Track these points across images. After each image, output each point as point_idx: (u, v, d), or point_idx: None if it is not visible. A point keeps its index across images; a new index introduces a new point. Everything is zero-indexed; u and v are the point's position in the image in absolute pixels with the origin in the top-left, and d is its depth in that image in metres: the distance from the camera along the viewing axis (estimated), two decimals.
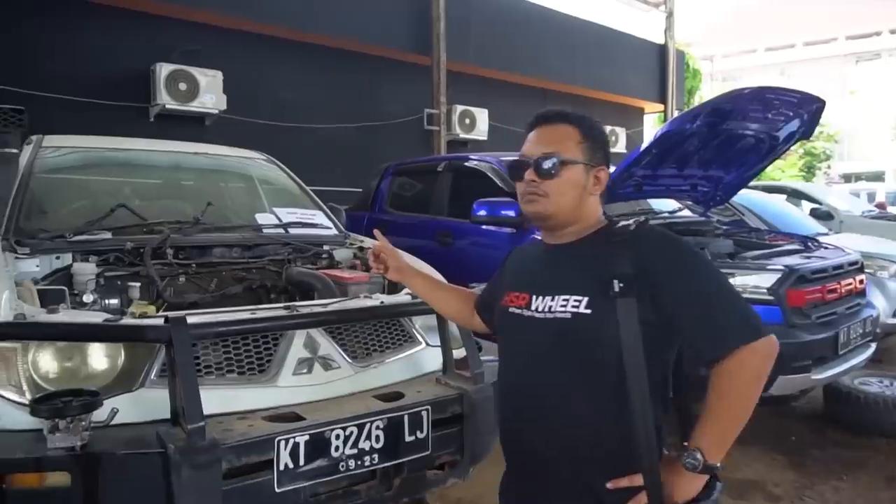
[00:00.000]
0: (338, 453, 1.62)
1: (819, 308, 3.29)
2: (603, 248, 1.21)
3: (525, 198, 1.29)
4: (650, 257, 1.17)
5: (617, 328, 1.13)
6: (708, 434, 1.14)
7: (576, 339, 1.17)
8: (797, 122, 3.80)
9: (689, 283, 1.15)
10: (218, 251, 2.63)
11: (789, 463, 3.36)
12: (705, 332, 1.14)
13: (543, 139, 1.29)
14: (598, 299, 1.15)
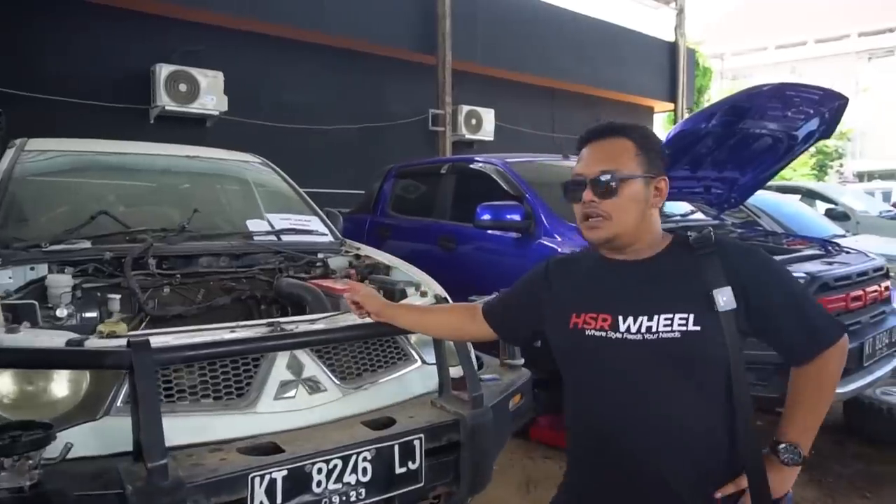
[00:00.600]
0: (320, 489, 1.47)
1: (843, 317, 3.11)
2: (689, 262, 1.21)
3: (586, 223, 1.25)
4: (740, 268, 1.19)
5: (724, 341, 1.15)
6: (801, 428, 1.22)
7: (686, 358, 1.17)
8: (817, 121, 3.63)
9: (780, 290, 1.21)
10: (204, 260, 2.50)
11: (809, 479, 3.19)
12: (802, 334, 1.20)
13: (598, 156, 1.25)
14: (703, 314, 1.16)
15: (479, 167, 4.36)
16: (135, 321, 2.18)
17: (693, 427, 1.18)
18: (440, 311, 1.69)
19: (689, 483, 1.18)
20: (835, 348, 1.21)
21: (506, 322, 1.48)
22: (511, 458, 3.39)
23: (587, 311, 1.25)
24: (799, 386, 1.23)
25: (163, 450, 1.27)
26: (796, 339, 1.21)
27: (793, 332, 1.20)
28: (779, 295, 1.21)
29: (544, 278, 1.38)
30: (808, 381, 1.22)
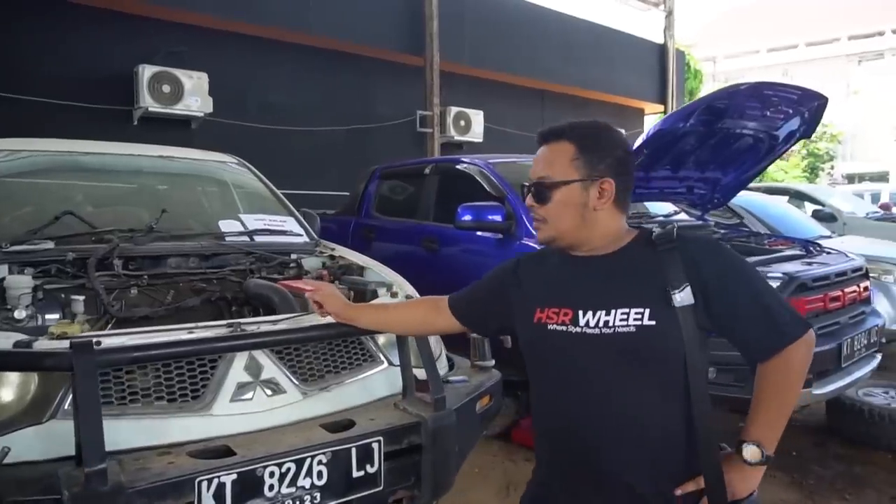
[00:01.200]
0: (272, 493, 1.44)
1: (821, 318, 3.10)
2: (649, 257, 1.21)
3: (533, 224, 1.31)
4: (701, 263, 1.18)
5: (680, 337, 1.14)
6: (766, 426, 1.19)
7: (641, 353, 1.17)
8: (798, 121, 3.62)
9: (742, 285, 1.19)
10: (173, 261, 2.46)
11: (790, 481, 3.18)
12: (764, 330, 1.18)
13: (539, 162, 1.27)
14: (660, 310, 1.16)
15: (461, 168, 4.33)
16: (100, 323, 2.14)
17: (650, 422, 1.19)
18: (403, 307, 1.68)
19: (647, 479, 1.19)
20: (799, 343, 1.19)
21: (472, 315, 1.48)
22: (492, 460, 3.36)
23: (550, 306, 1.26)
24: (763, 383, 1.21)
25: (102, 454, 1.23)
26: (759, 334, 1.19)
27: (755, 328, 1.19)
28: (741, 291, 1.19)
29: (513, 275, 1.38)
30: (772, 378, 1.20)
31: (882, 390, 3.85)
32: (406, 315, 1.60)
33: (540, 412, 1.33)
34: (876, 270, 5.02)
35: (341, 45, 7.70)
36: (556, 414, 1.27)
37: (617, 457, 1.19)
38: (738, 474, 1.19)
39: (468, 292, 1.48)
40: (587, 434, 1.21)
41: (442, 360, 2.22)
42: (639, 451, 1.19)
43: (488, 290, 1.44)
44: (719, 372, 2.86)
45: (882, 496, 3.01)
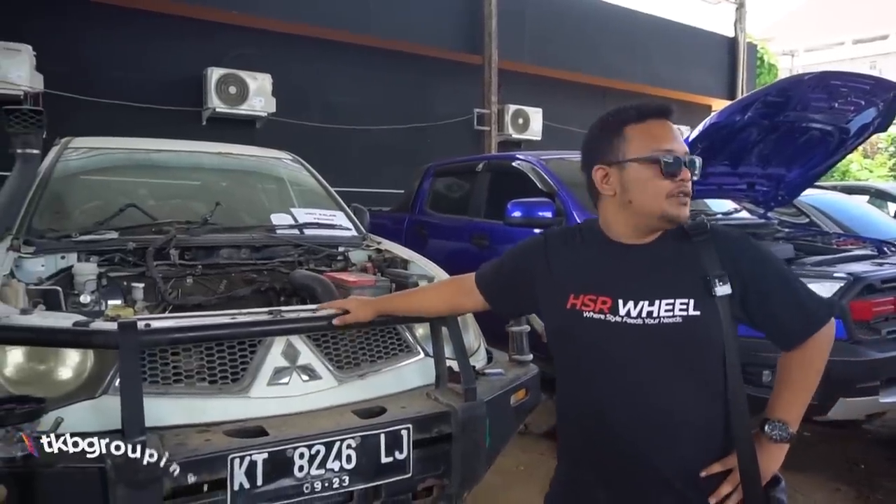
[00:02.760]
0: (302, 473, 1.48)
1: (891, 322, 2.91)
2: (686, 248, 1.21)
3: (677, 199, 1.21)
4: (734, 254, 1.20)
5: (720, 327, 1.16)
6: (791, 406, 1.24)
7: (685, 343, 1.17)
8: (872, 112, 3.41)
9: (773, 275, 1.22)
10: (225, 252, 2.57)
11: (856, 496, 3.00)
12: (796, 318, 1.21)
13: (676, 135, 1.24)
14: (702, 300, 1.16)
15: (512, 164, 4.31)
16: (157, 309, 2.26)
17: (689, 413, 1.18)
18: (431, 290, 1.69)
19: (681, 469, 1.18)
20: (827, 327, 1.23)
21: (498, 291, 1.45)
22: (539, 458, 3.34)
23: (586, 293, 1.23)
24: (789, 366, 1.24)
25: (142, 427, 1.31)
26: (790, 323, 1.21)
27: (786, 317, 1.21)
28: (771, 280, 1.21)
29: (542, 251, 1.35)
30: (798, 362, 1.24)
31: None
32: (434, 298, 1.62)
33: (569, 403, 1.31)
34: None
35: (400, 46, 7.82)
36: (589, 404, 1.24)
37: (652, 448, 1.18)
38: (764, 452, 1.21)
39: (494, 269, 1.46)
40: (622, 425, 1.20)
41: (480, 352, 2.23)
42: (676, 442, 1.18)
43: (515, 266, 1.41)
44: (775, 375, 2.74)
45: None
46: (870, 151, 23.07)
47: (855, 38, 40.19)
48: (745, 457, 1.17)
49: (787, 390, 1.24)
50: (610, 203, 1.26)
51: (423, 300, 1.64)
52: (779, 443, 1.22)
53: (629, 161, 1.21)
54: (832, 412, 2.67)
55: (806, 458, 3.37)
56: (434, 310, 1.67)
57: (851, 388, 2.68)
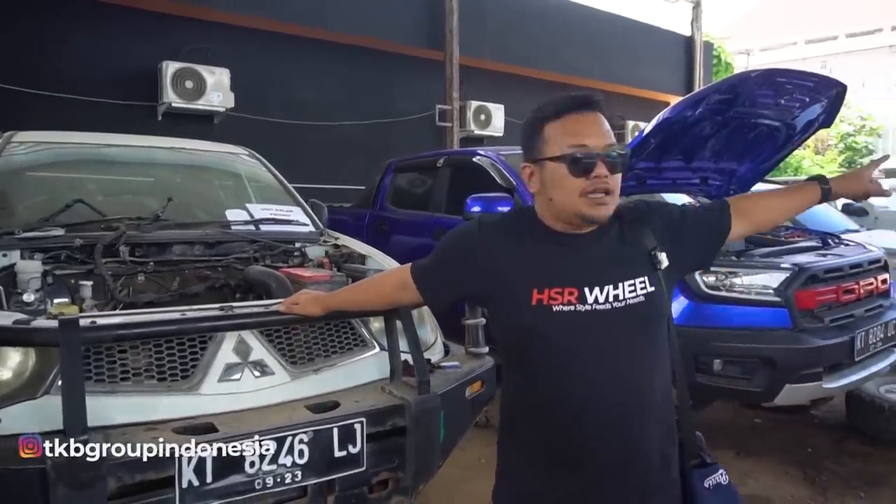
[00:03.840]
0: (253, 469, 1.47)
1: (834, 310, 3.02)
2: (625, 230, 1.27)
3: (593, 198, 1.18)
4: (659, 222, 1.29)
5: (665, 295, 1.24)
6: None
7: (650, 319, 1.23)
8: (817, 109, 3.52)
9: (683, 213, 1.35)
10: (178, 249, 2.52)
11: (803, 477, 3.11)
12: (716, 208, 1.37)
13: (601, 128, 1.21)
14: (652, 276, 1.23)
15: (473, 160, 4.34)
16: (107, 308, 2.21)
17: (657, 384, 1.24)
18: (374, 285, 1.62)
19: (656, 442, 1.23)
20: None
21: (433, 285, 1.39)
22: None
23: (551, 287, 1.19)
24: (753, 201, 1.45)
25: (84, 426, 1.28)
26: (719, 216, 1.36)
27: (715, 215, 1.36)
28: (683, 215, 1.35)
29: (481, 240, 1.28)
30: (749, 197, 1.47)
31: None
32: (374, 292, 1.57)
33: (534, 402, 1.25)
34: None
35: (361, 41, 7.77)
36: (572, 398, 1.20)
37: (639, 426, 1.21)
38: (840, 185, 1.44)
39: (429, 262, 1.40)
40: (610, 412, 1.19)
41: (437, 346, 2.24)
42: (655, 415, 1.23)
43: (451, 257, 1.35)
44: (726, 364, 2.82)
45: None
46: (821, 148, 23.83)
47: (807, 38, 41.50)
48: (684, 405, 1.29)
49: (777, 194, 1.46)
50: (539, 199, 1.27)
51: (363, 295, 1.60)
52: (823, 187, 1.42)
53: (546, 159, 1.20)
54: (779, 398, 2.77)
55: (756, 443, 3.49)
56: (375, 304, 1.62)
57: (796, 374, 2.77)
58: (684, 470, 1.29)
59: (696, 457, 1.31)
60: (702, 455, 1.31)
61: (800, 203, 1.45)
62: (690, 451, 1.30)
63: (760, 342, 2.82)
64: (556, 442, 1.23)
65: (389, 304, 1.61)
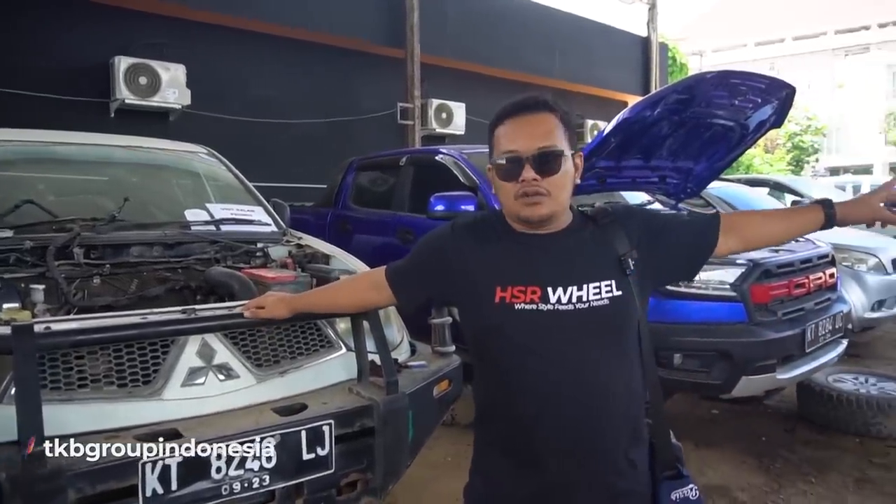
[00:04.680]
0: (220, 475, 1.44)
1: (785, 304, 3.13)
2: (597, 232, 1.27)
3: (524, 200, 1.20)
4: (637, 228, 1.28)
5: (635, 302, 1.23)
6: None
7: (614, 323, 1.22)
8: (768, 110, 3.64)
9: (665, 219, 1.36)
10: (136, 250, 2.44)
11: (758, 466, 3.22)
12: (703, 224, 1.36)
13: (535, 131, 1.21)
14: (620, 279, 1.22)
15: (435, 159, 4.34)
16: (60, 312, 2.13)
17: (623, 388, 1.23)
18: (343, 284, 1.65)
19: (621, 445, 1.23)
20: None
21: (407, 286, 1.41)
22: (467, 449, 3.35)
23: (514, 285, 1.22)
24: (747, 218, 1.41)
25: (40, 435, 1.23)
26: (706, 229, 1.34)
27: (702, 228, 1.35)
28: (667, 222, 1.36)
29: (452, 242, 1.32)
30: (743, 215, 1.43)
31: (852, 377, 3.91)
32: (345, 293, 1.58)
33: (502, 399, 1.27)
34: (849, 259, 5.09)
35: (321, 38, 7.68)
36: (533, 398, 1.22)
37: (600, 427, 1.21)
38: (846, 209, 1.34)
39: (404, 263, 1.43)
40: (564, 409, 1.20)
41: (404, 345, 2.23)
42: (615, 418, 1.23)
43: (424, 259, 1.38)
44: (685, 358, 2.90)
45: (846, 479, 3.05)
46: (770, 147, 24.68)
47: (756, 40, 42.86)
48: (657, 414, 1.27)
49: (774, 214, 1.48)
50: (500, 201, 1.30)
51: (335, 296, 1.60)
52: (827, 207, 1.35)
53: (490, 165, 1.26)
54: (736, 390, 2.86)
55: (714, 434, 3.59)
56: (346, 306, 1.64)
57: (752, 367, 2.87)
58: (656, 479, 1.28)
59: (671, 467, 1.28)
60: (678, 466, 1.29)
61: (799, 226, 1.39)
62: (665, 461, 1.28)
63: (718, 336, 2.91)
64: (521, 440, 1.24)
65: (361, 305, 1.61)
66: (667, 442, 1.28)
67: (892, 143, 30.76)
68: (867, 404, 3.44)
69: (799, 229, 1.41)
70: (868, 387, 3.74)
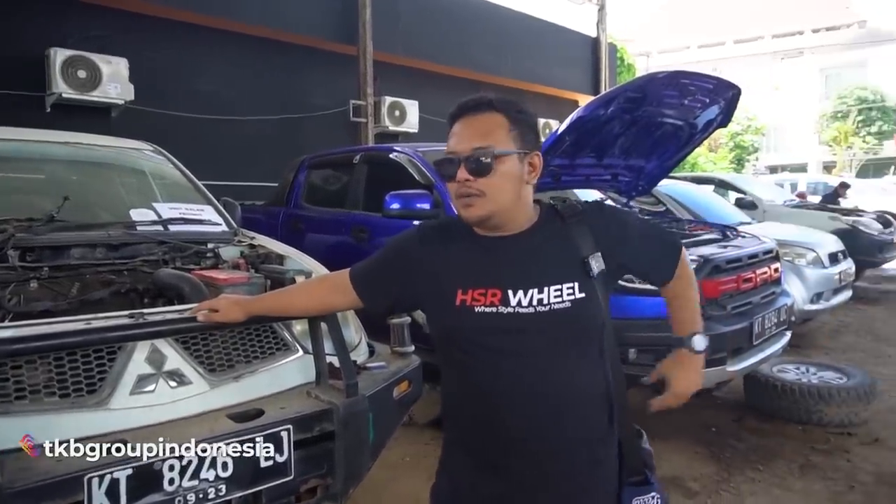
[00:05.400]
0: (173, 487, 1.38)
1: (734, 298, 3.23)
2: (562, 231, 1.24)
3: (460, 201, 1.21)
4: (605, 228, 1.26)
5: (600, 304, 1.21)
6: (694, 318, 1.40)
7: (576, 326, 1.21)
8: (715, 109, 3.75)
9: (634, 229, 1.32)
10: (77, 252, 2.32)
11: (709, 455, 3.31)
12: (662, 257, 1.36)
13: (472, 132, 1.21)
14: (584, 281, 1.20)
15: (389, 156, 4.29)
16: None
17: (583, 390, 1.23)
18: (302, 287, 1.61)
19: (583, 444, 1.23)
20: (682, 250, 1.40)
21: (374, 289, 1.38)
22: (424, 449, 3.36)
23: (475, 288, 1.22)
24: (678, 290, 1.40)
25: None
26: (661, 261, 1.37)
27: (657, 258, 1.36)
28: (635, 233, 1.33)
29: (419, 245, 1.32)
30: (682, 284, 1.39)
31: (794, 366, 4.08)
32: (305, 297, 1.54)
33: (467, 400, 1.27)
34: (790, 254, 5.30)
35: (272, 34, 7.51)
36: (490, 399, 1.22)
37: (557, 430, 1.21)
38: (687, 366, 1.37)
39: (369, 266, 1.40)
40: (528, 414, 1.20)
41: (362, 347, 2.19)
42: (577, 421, 1.22)
43: (391, 262, 1.37)
44: (640, 353, 2.95)
45: (791, 465, 3.17)
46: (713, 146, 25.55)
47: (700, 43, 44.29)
48: (624, 419, 1.26)
49: (685, 308, 1.40)
50: None
51: (295, 300, 1.55)
52: (699, 353, 1.37)
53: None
54: None
55: (667, 426, 3.68)
56: (306, 310, 1.60)
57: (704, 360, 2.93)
58: (621, 484, 1.28)
59: (638, 472, 1.28)
60: (646, 472, 1.29)
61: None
62: (632, 467, 1.27)
63: (671, 331, 2.96)
64: (480, 440, 1.26)
65: (322, 309, 1.58)
66: (635, 445, 1.28)
67: (824, 143, 32.30)
68: (809, 393, 3.58)
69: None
70: (809, 376, 3.90)
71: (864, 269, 7.59)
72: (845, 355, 5.15)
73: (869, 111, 31.14)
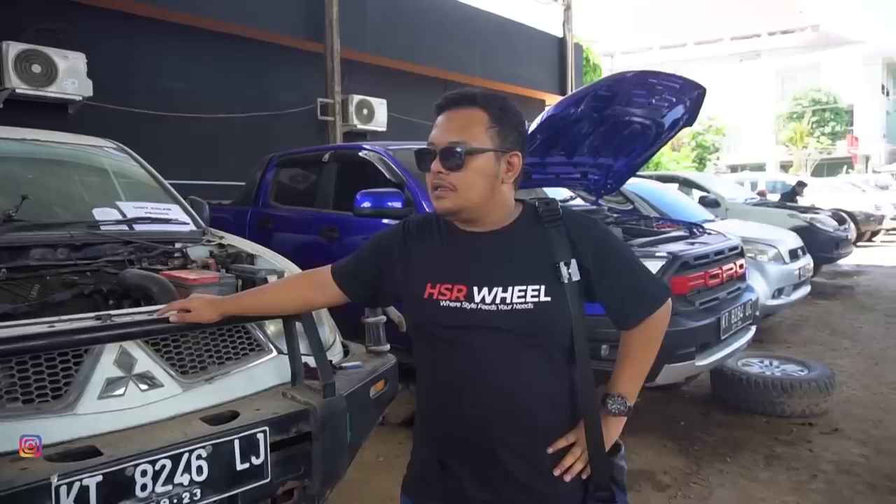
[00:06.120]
0: (146, 492, 1.34)
1: (702, 294, 3.29)
2: (539, 233, 1.23)
3: (434, 192, 1.22)
4: (583, 239, 1.23)
5: (569, 312, 1.18)
6: (630, 381, 1.31)
7: (537, 328, 1.19)
8: (681, 109, 3.82)
9: (616, 259, 1.26)
10: (37, 252, 2.24)
11: (679, 449, 3.37)
12: (636, 298, 1.27)
13: (450, 126, 1.21)
14: (553, 286, 1.18)
15: (361, 155, 4.26)
16: None
17: (541, 393, 1.22)
18: (280, 286, 1.60)
19: (532, 444, 1.22)
20: (663, 307, 1.30)
21: (357, 283, 1.39)
22: (397, 448, 3.34)
23: (442, 282, 1.23)
24: (630, 343, 1.31)
25: None
26: (631, 304, 1.27)
27: (628, 299, 1.27)
28: (615, 264, 1.26)
29: (401, 240, 1.33)
30: (639, 340, 1.30)
31: (758, 360, 4.19)
32: (284, 295, 1.52)
33: (430, 390, 1.31)
34: (752, 251, 5.43)
35: (236, 29, 7.38)
36: (449, 390, 1.24)
37: (511, 429, 1.20)
38: (604, 425, 1.25)
39: (352, 261, 1.41)
40: (482, 410, 1.21)
41: (336, 346, 2.17)
42: (531, 422, 1.21)
43: (374, 256, 1.37)
44: (611, 348, 2.98)
45: (757, 455, 3.25)
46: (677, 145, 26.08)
47: (662, 44, 45.17)
48: (593, 429, 1.21)
49: (627, 367, 1.31)
50: None
51: (273, 298, 1.54)
52: (618, 416, 1.28)
53: None
54: (660, 378, 2.97)
55: (637, 421, 3.73)
56: (285, 308, 1.59)
57: (674, 355, 2.99)
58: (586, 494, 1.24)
59: (605, 488, 1.23)
60: (612, 488, 1.24)
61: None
62: (598, 479, 1.23)
63: None
64: (444, 432, 1.28)
65: (301, 306, 1.57)
66: (601, 456, 1.22)
67: (781, 143, 33.28)
68: (773, 386, 3.68)
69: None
70: (773, 369, 4.01)
71: (821, 265, 7.83)
72: (805, 348, 5.30)
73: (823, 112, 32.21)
